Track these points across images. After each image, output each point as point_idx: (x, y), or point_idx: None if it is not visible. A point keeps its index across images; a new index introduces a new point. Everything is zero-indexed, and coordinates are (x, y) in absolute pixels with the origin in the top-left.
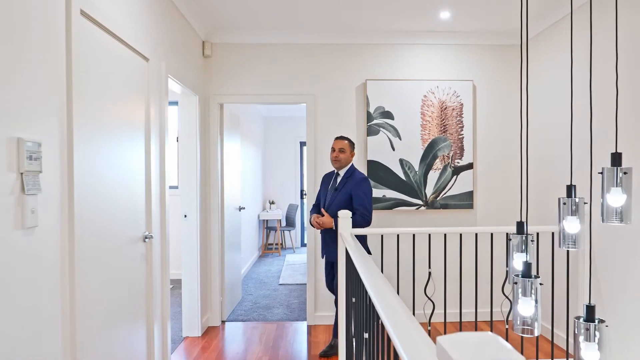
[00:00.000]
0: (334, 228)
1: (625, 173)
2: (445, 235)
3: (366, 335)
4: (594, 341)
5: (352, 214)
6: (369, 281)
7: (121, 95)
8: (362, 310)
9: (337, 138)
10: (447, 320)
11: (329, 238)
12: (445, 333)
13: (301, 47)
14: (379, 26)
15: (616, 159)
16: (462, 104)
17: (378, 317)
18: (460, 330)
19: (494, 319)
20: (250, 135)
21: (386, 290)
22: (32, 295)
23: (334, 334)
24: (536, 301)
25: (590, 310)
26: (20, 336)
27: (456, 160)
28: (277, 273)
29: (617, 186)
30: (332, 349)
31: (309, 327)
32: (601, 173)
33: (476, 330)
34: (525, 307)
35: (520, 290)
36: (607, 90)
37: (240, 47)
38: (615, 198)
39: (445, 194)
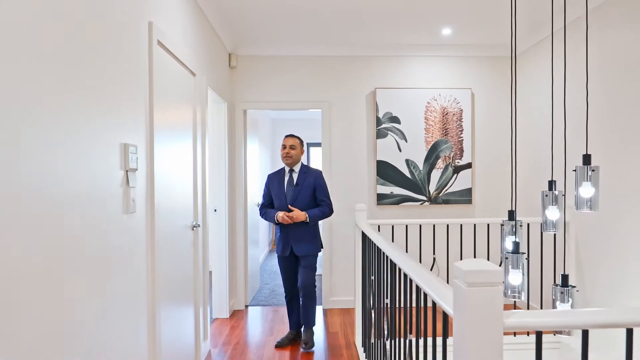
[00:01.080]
0: (307, 221)
1: (593, 170)
2: (447, 225)
3: (387, 301)
4: (567, 302)
5: (317, 205)
6: (398, 256)
7: (177, 106)
8: (383, 282)
9: (287, 136)
10: None
11: (302, 232)
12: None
13: (317, 58)
14: (387, 40)
15: (586, 159)
16: (461, 110)
17: (401, 284)
18: None
19: None
20: (263, 137)
21: (411, 260)
22: (132, 264)
23: (294, 326)
24: (523, 273)
25: (564, 278)
26: (124, 292)
27: (456, 160)
28: None
29: (587, 181)
30: (291, 341)
31: (325, 310)
32: (575, 170)
33: None
34: (514, 278)
35: (510, 265)
36: (582, 101)
37: (262, 59)
38: (586, 190)
39: (446, 190)
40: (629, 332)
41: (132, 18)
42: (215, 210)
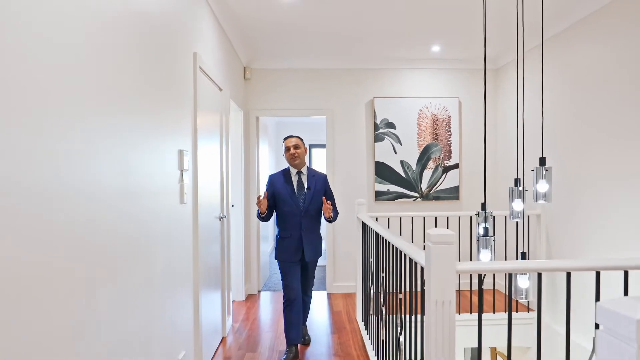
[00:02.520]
0: (330, 218)
1: (547, 170)
2: (435, 218)
3: (383, 275)
4: (487, 249)
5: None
6: (396, 240)
7: (210, 116)
8: (381, 260)
9: (287, 137)
10: None
11: (315, 237)
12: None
13: (321, 71)
14: (384, 55)
15: (542, 161)
16: (450, 117)
17: (393, 258)
18: None
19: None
20: (268, 139)
21: (400, 240)
22: (184, 247)
23: (296, 339)
24: (491, 252)
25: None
26: (181, 270)
27: (445, 161)
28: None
29: (542, 179)
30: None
31: (329, 294)
32: (533, 170)
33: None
34: (485, 256)
35: (481, 245)
36: (548, 111)
37: (273, 71)
38: (542, 186)
39: (437, 188)
40: (568, 275)
41: (184, 51)
42: (232, 206)
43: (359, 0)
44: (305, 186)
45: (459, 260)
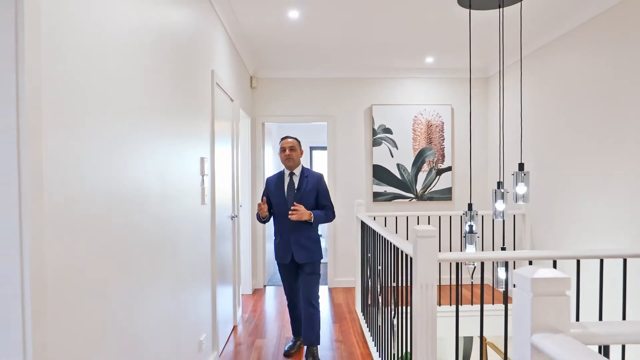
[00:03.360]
0: (311, 221)
1: (525, 174)
2: (429, 217)
3: (380, 268)
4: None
5: (321, 209)
6: (390, 235)
7: (224, 125)
8: (377, 254)
9: (284, 138)
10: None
11: (304, 238)
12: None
13: (323, 80)
14: (381, 65)
15: (520, 166)
16: (443, 123)
17: (388, 252)
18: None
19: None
20: (272, 143)
21: (393, 235)
22: (204, 243)
23: (298, 332)
24: (475, 247)
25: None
26: (202, 262)
27: (439, 164)
28: None
29: (521, 182)
30: (298, 348)
31: (330, 289)
32: (513, 174)
33: (450, 276)
34: (470, 251)
35: (467, 241)
36: (522, 121)
37: (277, 80)
38: (520, 189)
39: (431, 189)
40: (554, 264)
41: (204, 69)
42: (241, 206)
43: (357, 18)
44: (295, 187)
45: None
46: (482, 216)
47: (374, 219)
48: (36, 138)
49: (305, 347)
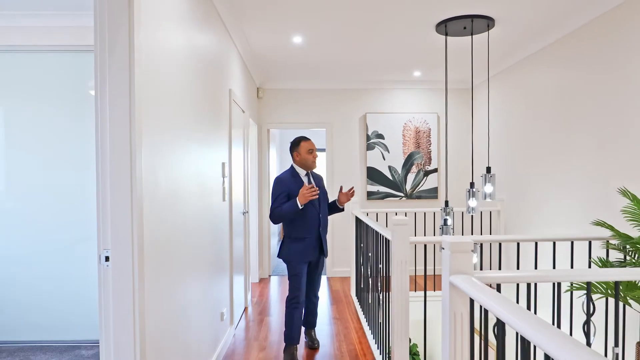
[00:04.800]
0: (343, 209)
1: (491, 176)
2: (415, 213)
3: (370, 254)
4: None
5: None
6: (375, 225)
7: (238, 133)
8: (368, 243)
9: (308, 140)
10: (417, 266)
11: (325, 234)
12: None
13: (322, 90)
14: (375, 78)
15: (488, 169)
16: (430, 129)
17: (375, 239)
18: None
19: None
20: (276, 146)
21: (378, 225)
22: (224, 236)
23: (297, 340)
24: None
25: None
26: (223, 251)
27: (426, 166)
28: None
29: (488, 182)
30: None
31: (328, 278)
32: (482, 176)
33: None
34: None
35: (442, 232)
36: (495, 127)
37: (281, 91)
38: (488, 188)
39: (419, 189)
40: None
41: (223, 88)
42: (246, 213)
43: (352, 42)
44: (315, 187)
45: (434, 255)
46: (462, 212)
47: (367, 215)
48: (139, 150)
49: (310, 338)
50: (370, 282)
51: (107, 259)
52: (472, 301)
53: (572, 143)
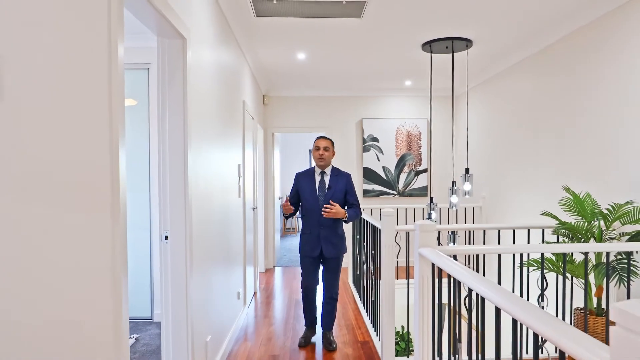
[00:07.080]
0: (345, 219)
1: (469, 176)
2: (406, 209)
3: (365, 243)
4: (452, 242)
5: (349, 208)
6: (369, 218)
7: (247, 136)
8: (364, 233)
9: (320, 137)
10: (407, 258)
11: (334, 234)
12: (407, 265)
13: (322, 97)
14: (370, 86)
15: (467, 170)
16: (420, 133)
17: (370, 231)
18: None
19: None
20: (280, 148)
21: (370, 217)
22: (239, 229)
23: (310, 323)
24: None
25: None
26: (238, 242)
27: (417, 167)
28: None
29: (467, 181)
30: (310, 340)
31: None
32: (462, 176)
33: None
34: None
35: None
36: (474, 132)
37: (285, 98)
38: (466, 186)
39: (410, 187)
40: (484, 233)
41: (238, 99)
42: (254, 208)
43: (350, 57)
44: (327, 186)
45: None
46: (448, 208)
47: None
48: (188, 153)
49: (326, 340)
50: (365, 267)
51: (166, 237)
52: (433, 265)
53: (539, 147)
